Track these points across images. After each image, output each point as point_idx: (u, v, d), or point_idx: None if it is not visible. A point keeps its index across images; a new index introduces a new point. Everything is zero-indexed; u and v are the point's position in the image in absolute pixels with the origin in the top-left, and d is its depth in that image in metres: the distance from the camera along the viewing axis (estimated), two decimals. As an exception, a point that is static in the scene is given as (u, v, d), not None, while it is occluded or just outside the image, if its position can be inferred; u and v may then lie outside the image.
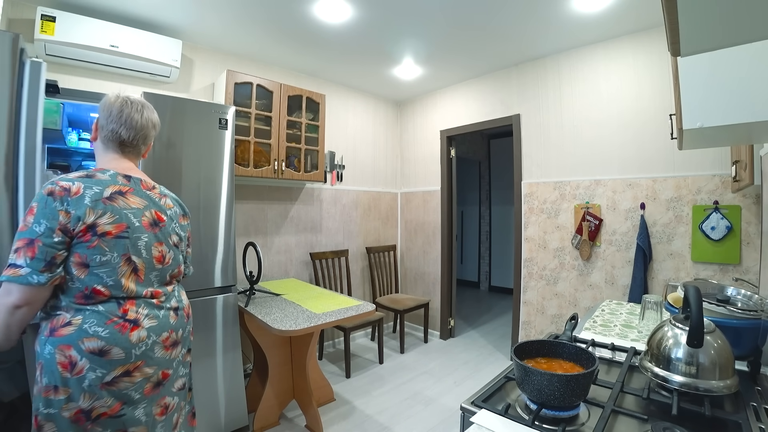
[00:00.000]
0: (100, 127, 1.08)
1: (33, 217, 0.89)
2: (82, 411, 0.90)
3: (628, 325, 1.45)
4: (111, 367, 0.93)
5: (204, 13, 2.27)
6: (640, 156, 2.43)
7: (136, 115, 1.08)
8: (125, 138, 1.08)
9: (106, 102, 1.08)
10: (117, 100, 1.08)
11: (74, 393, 0.90)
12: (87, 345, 0.91)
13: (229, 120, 2.08)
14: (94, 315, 0.93)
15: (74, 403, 0.90)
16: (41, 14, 1.92)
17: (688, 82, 0.91)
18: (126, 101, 1.09)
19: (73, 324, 0.91)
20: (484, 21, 2.35)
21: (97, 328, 0.92)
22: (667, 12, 0.50)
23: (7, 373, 1.57)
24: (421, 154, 3.93)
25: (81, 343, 0.91)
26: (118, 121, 1.06)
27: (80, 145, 1.98)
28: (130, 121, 1.07)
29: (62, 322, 0.92)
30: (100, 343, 0.92)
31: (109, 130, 1.07)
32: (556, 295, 2.83)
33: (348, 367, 2.88)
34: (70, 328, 0.91)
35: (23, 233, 0.89)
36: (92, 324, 0.92)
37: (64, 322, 0.92)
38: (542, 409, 0.78)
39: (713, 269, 2.15)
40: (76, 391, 0.90)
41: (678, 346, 0.85)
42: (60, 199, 0.91)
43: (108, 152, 1.09)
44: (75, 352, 0.90)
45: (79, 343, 0.91)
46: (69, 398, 0.89)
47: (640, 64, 2.42)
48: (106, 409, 0.93)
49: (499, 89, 3.22)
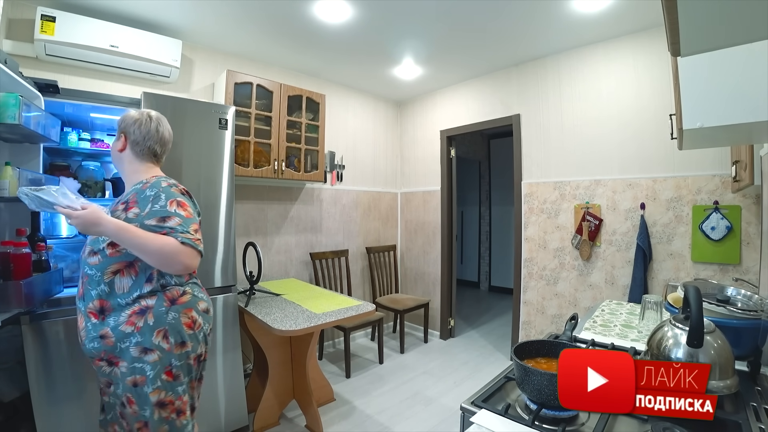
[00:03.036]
0: (135, 142, 1.27)
1: (189, 210, 1.18)
2: (198, 356, 1.21)
3: (628, 325, 1.45)
4: (211, 321, 1.29)
5: (204, 13, 2.27)
6: (640, 156, 2.43)
7: (166, 133, 1.34)
8: (158, 152, 1.32)
9: (142, 121, 1.27)
10: (150, 120, 1.29)
11: (194, 344, 1.20)
12: (200, 306, 1.24)
13: (229, 120, 2.08)
14: (196, 286, 1.28)
15: (194, 352, 1.20)
16: (41, 14, 1.92)
17: (688, 82, 0.91)
18: (159, 121, 1.31)
19: (187, 293, 1.22)
20: (484, 21, 2.35)
21: (201, 294, 1.28)
22: (667, 12, 0.50)
23: (7, 374, 1.57)
24: (421, 154, 3.92)
25: (197, 305, 1.23)
26: (154, 139, 1.28)
27: (80, 145, 1.98)
28: (162, 139, 1.31)
29: (178, 293, 1.20)
30: (206, 304, 1.27)
31: (146, 146, 1.28)
32: (556, 295, 2.83)
33: (348, 367, 2.88)
34: (187, 296, 1.21)
35: (191, 219, 1.17)
36: (198, 291, 1.27)
37: (180, 293, 1.20)
38: (542, 409, 0.78)
39: (713, 269, 2.15)
40: (195, 343, 1.20)
41: (678, 346, 0.85)
42: (192, 197, 1.25)
43: (144, 162, 1.29)
44: (195, 313, 1.21)
45: (196, 306, 1.23)
46: (192, 349, 1.19)
47: (640, 64, 2.42)
48: (205, 353, 1.26)
49: (499, 89, 3.22)
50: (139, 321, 1.12)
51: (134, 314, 1.12)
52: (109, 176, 2.17)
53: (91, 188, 2.07)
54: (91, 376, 1.64)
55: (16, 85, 1.50)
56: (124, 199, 1.20)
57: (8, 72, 1.42)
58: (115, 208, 1.18)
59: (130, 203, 1.17)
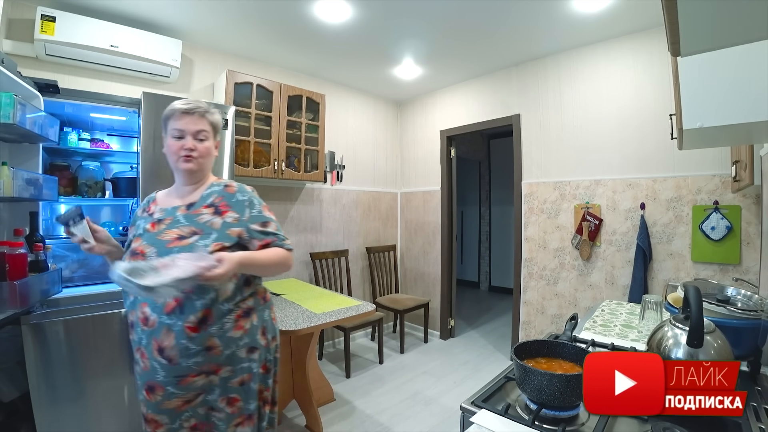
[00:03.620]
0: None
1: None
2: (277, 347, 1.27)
3: (628, 325, 1.45)
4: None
5: (204, 13, 2.27)
6: (640, 156, 2.43)
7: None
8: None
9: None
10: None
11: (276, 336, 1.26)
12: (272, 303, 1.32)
13: (229, 120, 2.08)
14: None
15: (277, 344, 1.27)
16: (41, 14, 1.92)
17: (688, 82, 0.91)
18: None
19: (267, 291, 1.28)
20: (484, 21, 2.35)
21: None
22: (667, 12, 0.50)
23: (7, 373, 1.57)
24: (421, 154, 3.92)
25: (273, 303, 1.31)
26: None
27: (80, 145, 1.98)
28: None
29: (263, 291, 1.25)
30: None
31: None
32: (556, 295, 2.83)
33: (348, 367, 2.88)
34: (268, 293, 1.27)
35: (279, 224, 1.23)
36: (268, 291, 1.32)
37: (264, 291, 1.25)
38: (542, 409, 0.78)
39: (713, 269, 2.15)
40: (276, 335, 1.27)
41: (678, 346, 0.85)
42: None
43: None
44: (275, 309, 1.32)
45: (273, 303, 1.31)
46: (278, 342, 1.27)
47: (639, 64, 2.42)
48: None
49: (499, 89, 3.22)
50: (246, 323, 1.13)
51: (240, 317, 1.11)
52: (109, 176, 2.16)
53: (91, 188, 2.07)
54: (91, 376, 1.65)
55: (13, 84, 1.50)
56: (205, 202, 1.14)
57: (5, 71, 1.42)
58: (196, 212, 1.12)
59: (221, 207, 1.13)
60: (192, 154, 1.13)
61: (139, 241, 1.11)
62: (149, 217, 1.16)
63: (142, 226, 1.14)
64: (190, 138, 1.13)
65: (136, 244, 1.11)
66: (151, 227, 1.13)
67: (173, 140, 1.13)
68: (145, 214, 1.18)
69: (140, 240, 1.11)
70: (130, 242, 1.17)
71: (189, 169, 1.14)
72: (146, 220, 1.15)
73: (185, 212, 1.13)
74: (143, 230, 1.13)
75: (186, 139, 1.13)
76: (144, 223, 1.15)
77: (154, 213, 1.16)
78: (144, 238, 1.11)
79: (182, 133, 1.13)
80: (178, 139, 1.13)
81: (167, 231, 1.09)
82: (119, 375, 1.71)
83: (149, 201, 1.23)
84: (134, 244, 1.12)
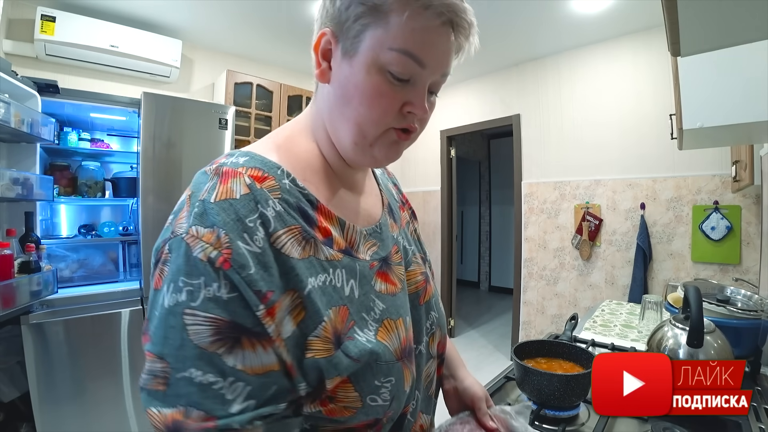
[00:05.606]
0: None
1: None
2: None
3: (628, 325, 1.45)
4: None
5: (204, 13, 2.27)
6: (640, 156, 2.43)
7: None
8: None
9: None
10: None
11: None
12: None
13: (229, 120, 2.08)
14: None
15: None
16: (41, 14, 1.92)
17: (688, 82, 0.91)
18: None
19: None
20: (483, 21, 2.34)
21: None
22: (667, 12, 0.50)
23: (7, 373, 1.57)
24: (421, 154, 3.92)
25: None
26: None
27: (80, 145, 1.98)
28: None
29: None
30: None
31: None
32: (556, 295, 2.83)
33: (348, 367, 2.87)
34: None
35: None
36: None
37: None
38: (542, 409, 0.78)
39: (713, 269, 2.15)
40: None
41: (678, 346, 0.85)
42: None
43: None
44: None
45: None
46: None
47: (639, 64, 2.42)
48: None
49: (499, 89, 3.22)
50: None
51: None
52: (109, 176, 2.16)
53: (91, 188, 2.06)
54: (91, 376, 1.65)
55: (6, 83, 1.47)
56: (396, 199, 0.65)
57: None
58: (401, 208, 0.65)
59: (404, 199, 0.69)
60: (418, 126, 0.50)
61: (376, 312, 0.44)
62: (329, 242, 0.43)
63: (348, 276, 0.43)
64: (424, 90, 0.48)
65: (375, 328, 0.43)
66: (383, 275, 0.48)
67: (383, 80, 0.43)
68: (317, 237, 0.42)
69: (376, 310, 0.44)
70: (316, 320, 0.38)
71: (398, 154, 0.50)
72: (349, 258, 0.44)
73: (395, 226, 0.57)
74: (370, 287, 0.45)
75: (417, 89, 0.47)
76: (349, 266, 0.44)
77: (354, 234, 0.47)
78: (381, 302, 0.45)
79: (416, 75, 0.45)
80: (399, 83, 0.44)
81: (410, 271, 0.55)
82: (119, 375, 1.71)
83: (297, 200, 0.43)
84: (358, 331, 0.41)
